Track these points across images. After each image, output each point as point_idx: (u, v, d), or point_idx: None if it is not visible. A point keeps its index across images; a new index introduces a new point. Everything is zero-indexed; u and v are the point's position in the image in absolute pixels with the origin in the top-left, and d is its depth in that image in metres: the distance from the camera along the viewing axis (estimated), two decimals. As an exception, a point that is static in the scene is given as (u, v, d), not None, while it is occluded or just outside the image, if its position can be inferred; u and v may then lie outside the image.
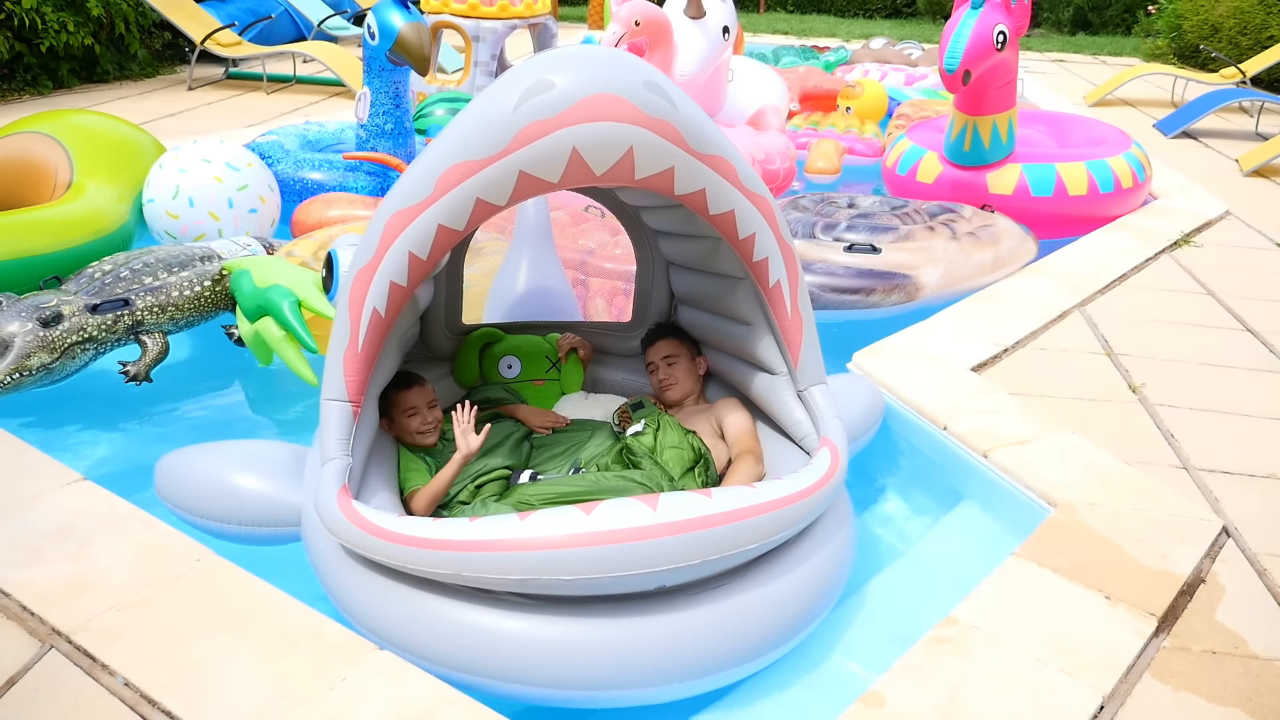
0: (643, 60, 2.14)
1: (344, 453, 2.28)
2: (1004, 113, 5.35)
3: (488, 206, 2.08)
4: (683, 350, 2.89)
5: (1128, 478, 2.96)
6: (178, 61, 10.42)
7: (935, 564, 2.82)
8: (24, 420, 3.24)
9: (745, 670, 2.17)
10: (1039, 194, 5.39)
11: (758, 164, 5.59)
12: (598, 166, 2.03)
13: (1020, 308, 4.31)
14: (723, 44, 5.93)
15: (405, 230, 2.11)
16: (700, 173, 2.14)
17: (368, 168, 5.18)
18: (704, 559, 2.02)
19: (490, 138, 2.00)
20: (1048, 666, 2.17)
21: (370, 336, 2.24)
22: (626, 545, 1.96)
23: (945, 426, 3.25)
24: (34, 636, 2.14)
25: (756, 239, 2.30)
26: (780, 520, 2.14)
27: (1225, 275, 4.99)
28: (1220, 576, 2.56)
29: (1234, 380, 3.78)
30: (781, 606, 2.19)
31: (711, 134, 2.15)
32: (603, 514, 1.98)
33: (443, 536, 2.03)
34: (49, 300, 3.30)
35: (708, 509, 2.03)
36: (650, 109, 2.01)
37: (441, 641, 2.07)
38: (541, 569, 1.96)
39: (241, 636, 2.13)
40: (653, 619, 2.06)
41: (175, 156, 4.51)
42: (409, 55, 4.86)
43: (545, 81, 1.97)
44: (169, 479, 2.63)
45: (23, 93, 8.51)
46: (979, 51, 4.96)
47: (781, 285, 2.39)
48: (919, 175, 5.77)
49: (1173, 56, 13.16)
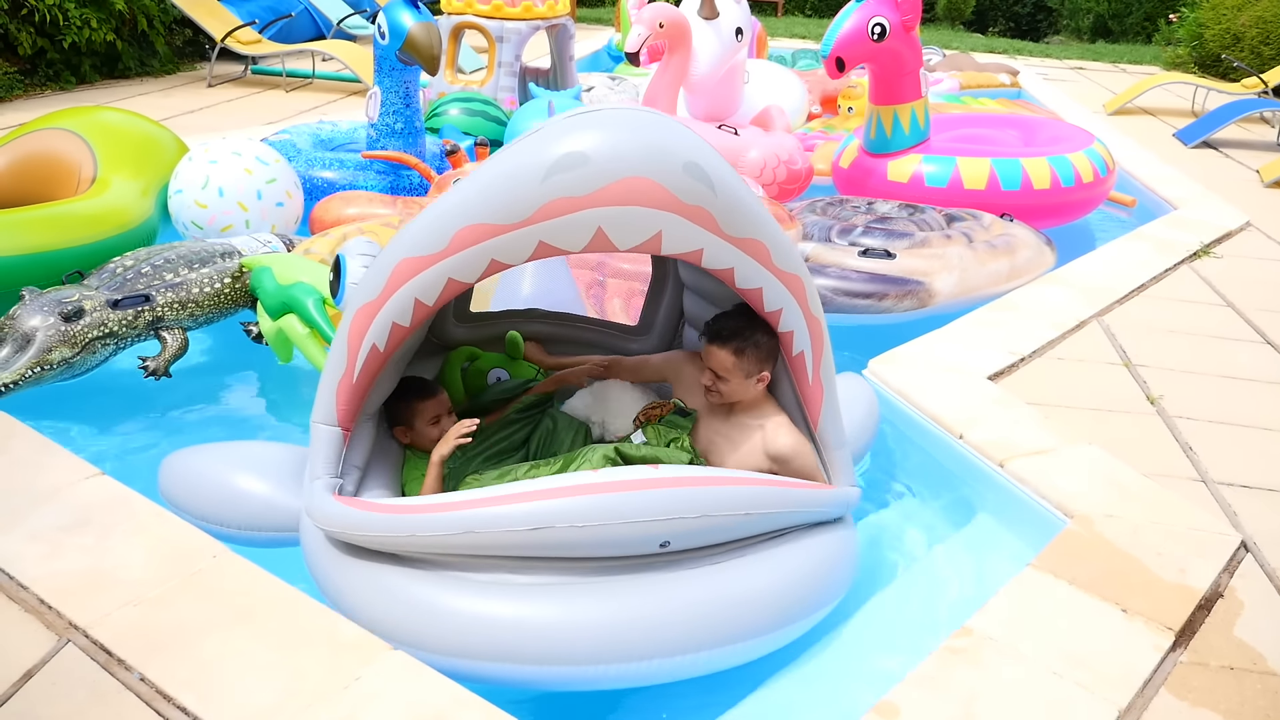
0: (690, 131, 2.05)
1: (331, 474, 2.30)
2: (908, 103, 5.51)
3: (501, 265, 2.04)
4: (737, 372, 2.43)
5: (1146, 490, 2.94)
6: (198, 58, 10.48)
7: (950, 574, 2.81)
8: (44, 414, 3.26)
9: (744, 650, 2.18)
10: (932, 184, 5.49)
11: (783, 164, 5.60)
12: (622, 244, 1.98)
13: (1038, 317, 4.29)
14: (735, 45, 5.93)
15: (414, 278, 2.08)
16: (730, 254, 2.08)
17: (377, 166, 5.20)
18: (704, 513, 2.12)
19: (514, 206, 1.93)
20: (1063, 679, 2.15)
21: (367, 368, 2.25)
22: (629, 494, 2.06)
23: (961, 436, 3.23)
24: (51, 630, 2.15)
25: (783, 314, 2.25)
26: (773, 495, 2.26)
27: (1245, 287, 4.96)
28: (1239, 591, 2.54)
29: (1254, 393, 3.75)
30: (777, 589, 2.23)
31: (749, 216, 2.07)
32: (608, 473, 2.12)
33: (452, 500, 2.12)
34: (71, 295, 3.33)
35: (708, 472, 2.22)
36: (686, 195, 1.93)
37: (441, 633, 2.08)
38: (554, 518, 2.04)
39: (257, 633, 2.14)
40: (642, 596, 2.10)
41: (206, 149, 4.56)
42: (419, 55, 4.87)
43: (579, 156, 1.88)
44: (171, 480, 2.65)
45: (45, 88, 8.58)
46: (850, 40, 5.21)
47: (805, 356, 2.35)
48: (842, 161, 6.00)
49: (1194, 65, 13.07)
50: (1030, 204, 5.43)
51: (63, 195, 4.34)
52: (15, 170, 4.40)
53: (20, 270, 3.67)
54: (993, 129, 6.66)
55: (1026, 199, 5.43)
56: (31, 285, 3.41)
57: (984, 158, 5.53)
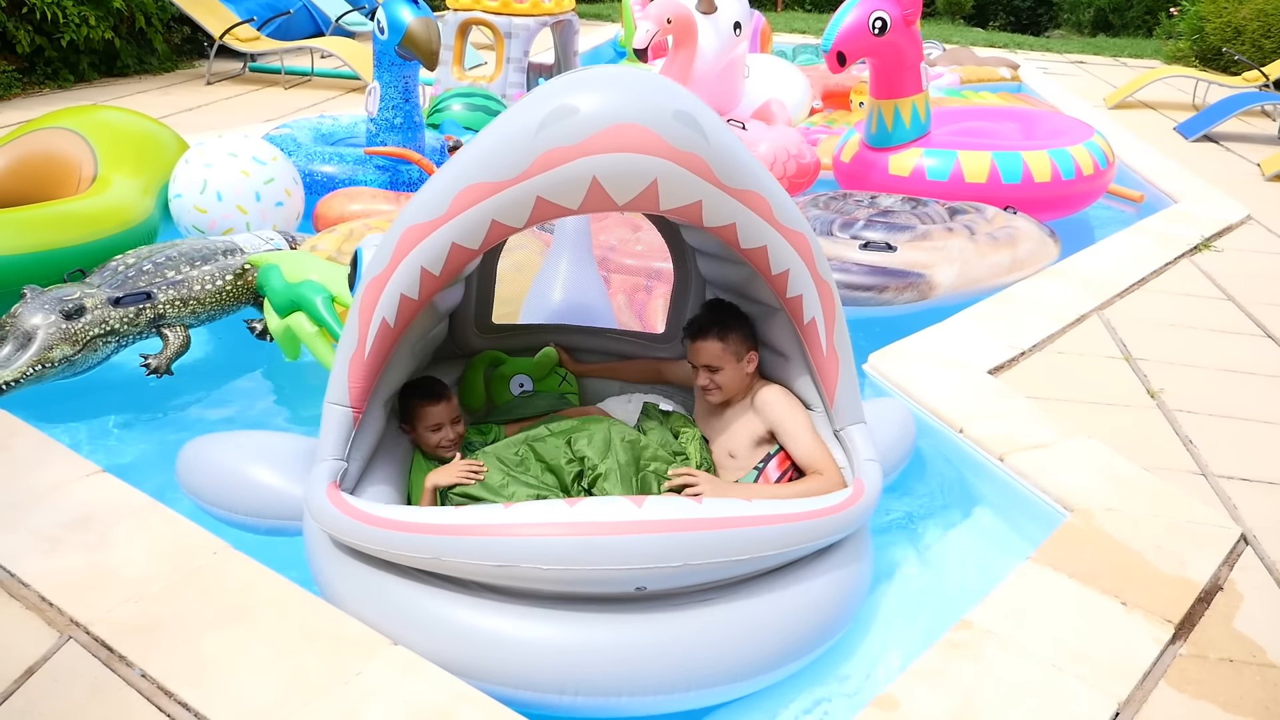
0: (680, 86, 2.06)
1: (339, 456, 2.30)
2: (909, 97, 5.50)
3: (503, 228, 2.04)
4: (727, 356, 2.55)
5: (1145, 483, 2.94)
6: (196, 56, 10.47)
7: (950, 567, 2.81)
8: (45, 412, 3.27)
9: (739, 687, 2.13)
10: (933, 178, 5.48)
11: (792, 159, 5.59)
12: (619, 196, 1.97)
13: (1038, 311, 4.29)
14: (734, 39, 5.93)
15: (419, 245, 2.09)
16: (731, 207, 2.06)
17: (376, 161, 5.20)
18: (684, 562, 1.99)
19: (509, 161, 1.95)
20: (1063, 672, 2.16)
21: (378, 345, 2.25)
22: (606, 539, 1.95)
23: (962, 429, 3.23)
24: (52, 627, 2.16)
25: (790, 275, 2.22)
26: (767, 537, 2.08)
27: (1246, 280, 4.95)
28: (1238, 584, 2.54)
29: (1254, 386, 3.75)
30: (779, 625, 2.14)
31: (747, 168, 2.07)
32: (586, 507, 1.99)
33: (423, 521, 2.06)
34: (72, 293, 3.33)
35: (693, 513, 2.01)
36: (678, 141, 1.93)
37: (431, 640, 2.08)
38: (519, 557, 1.97)
39: (258, 630, 2.14)
40: (638, 626, 2.05)
41: (201, 152, 4.54)
42: (417, 50, 4.87)
43: (569, 107, 1.91)
44: (187, 466, 2.68)
45: (43, 86, 8.57)
46: (851, 34, 5.19)
47: (817, 323, 2.31)
48: (843, 155, 5.97)
49: (1194, 59, 13.05)
50: (1031, 197, 5.43)
51: (63, 194, 4.35)
52: (16, 170, 4.41)
53: (21, 269, 3.67)
54: (992, 122, 6.65)
55: (1027, 192, 5.43)
56: (33, 284, 3.41)
57: (985, 151, 5.53)
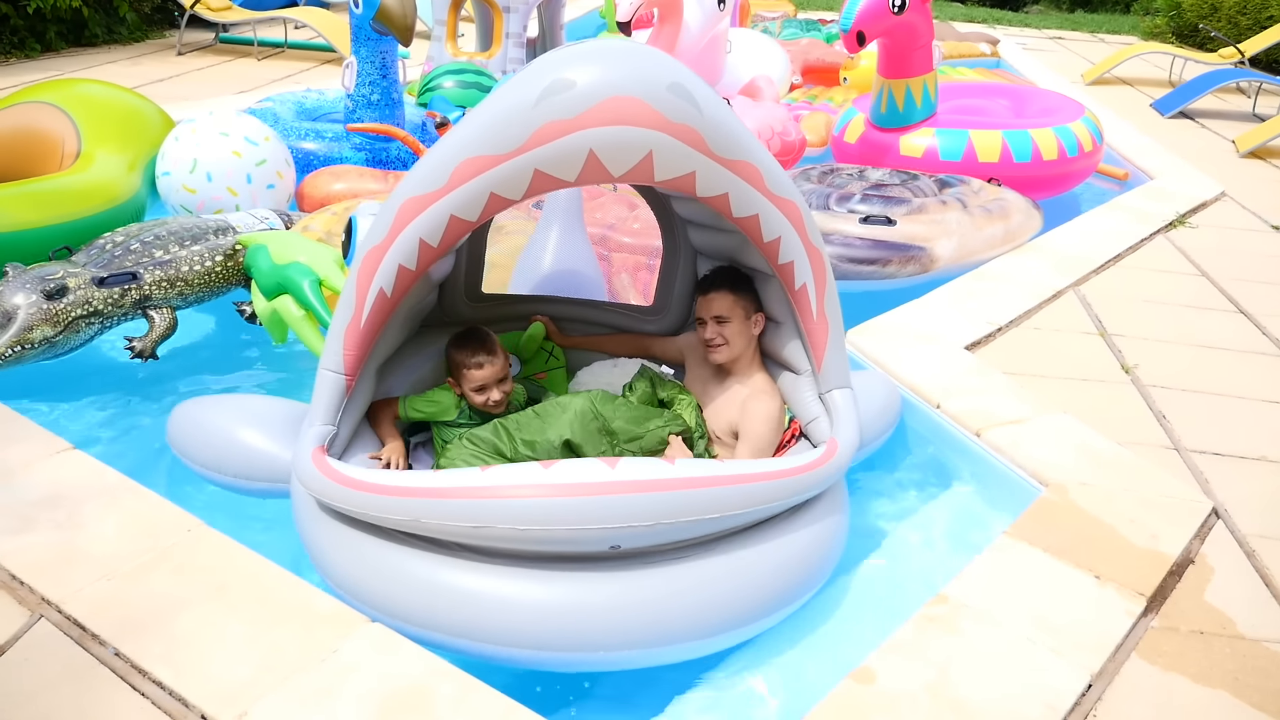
0: (673, 59, 2.08)
1: (329, 421, 2.32)
2: (919, 76, 5.45)
3: (501, 200, 2.07)
4: (737, 309, 2.61)
5: (1119, 458, 2.97)
6: (167, 25, 10.26)
7: (926, 542, 2.83)
8: (22, 392, 3.19)
9: (715, 642, 2.17)
10: (947, 158, 5.44)
11: (776, 136, 5.56)
12: (615, 168, 2.01)
13: (1014, 287, 4.30)
14: (718, 14, 5.88)
15: (418, 217, 2.11)
16: (723, 178, 2.11)
17: (355, 139, 5.11)
18: (656, 521, 2.04)
19: (507, 134, 1.98)
20: (1037, 645, 2.18)
21: (374, 314, 2.26)
22: (580, 499, 2.00)
23: (938, 405, 3.25)
24: (23, 606, 2.13)
25: (782, 242, 2.27)
26: (737, 496, 2.13)
27: (1220, 257, 5.00)
28: (1209, 557, 2.58)
29: (1226, 362, 3.79)
30: (758, 578, 2.19)
31: (738, 138, 2.11)
32: (561, 469, 2.04)
33: (403, 484, 2.09)
34: (55, 272, 3.23)
35: (665, 473, 2.06)
36: (672, 113, 1.97)
37: (420, 603, 2.09)
38: (496, 518, 2.01)
39: (232, 608, 2.13)
40: (614, 583, 2.09)
41: (192, 129, 4.39)
42: (391, 25, 4.79)
43: (566, 80, 1.94)
44: (177, 427, 2.71)
45: (9, 56, 8.39)
46: (872, 13, 5.10)
47: (808, 289, 2.36)
48: (846, 136, 5.92)
49: (1171, 35, 13.10)
50: (1038, 175, 5.41)
51: (46, 171, 4.22)
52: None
53: (4, 247, 3.55)
54: (984, 99, 6.62)
55: (1037, 170, 5.41)
56: (17, 261, 3.31)
57: (995, 130, 5.48)
